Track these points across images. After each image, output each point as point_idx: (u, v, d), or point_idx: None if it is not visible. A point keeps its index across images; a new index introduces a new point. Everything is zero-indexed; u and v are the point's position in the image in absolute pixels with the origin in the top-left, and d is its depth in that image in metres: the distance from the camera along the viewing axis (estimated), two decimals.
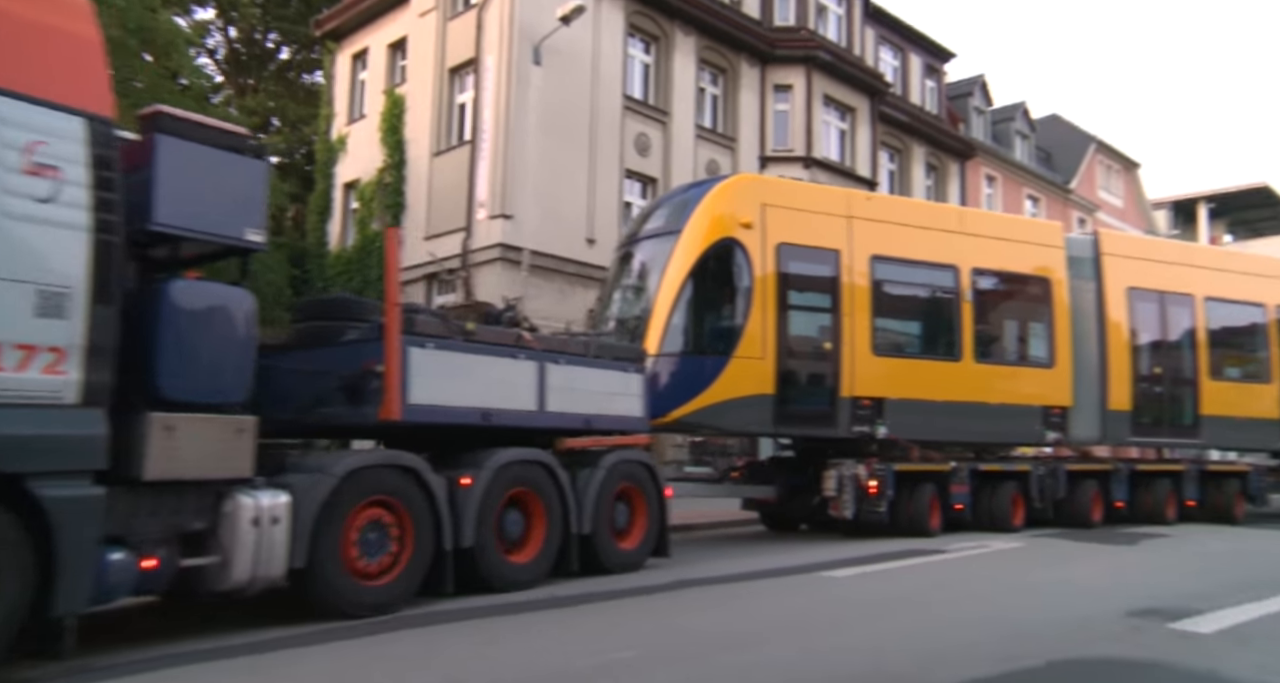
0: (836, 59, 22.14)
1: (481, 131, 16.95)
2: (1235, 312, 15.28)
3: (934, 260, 12.40)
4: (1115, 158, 36.65)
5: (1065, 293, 13.38)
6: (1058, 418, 13.06)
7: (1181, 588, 7.83)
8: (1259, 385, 15.28)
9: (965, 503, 11.81)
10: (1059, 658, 5.27)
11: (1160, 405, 14.26)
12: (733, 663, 5.13)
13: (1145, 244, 16.51)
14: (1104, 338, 13.74)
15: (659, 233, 11.35)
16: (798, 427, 11.39)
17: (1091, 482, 13.15)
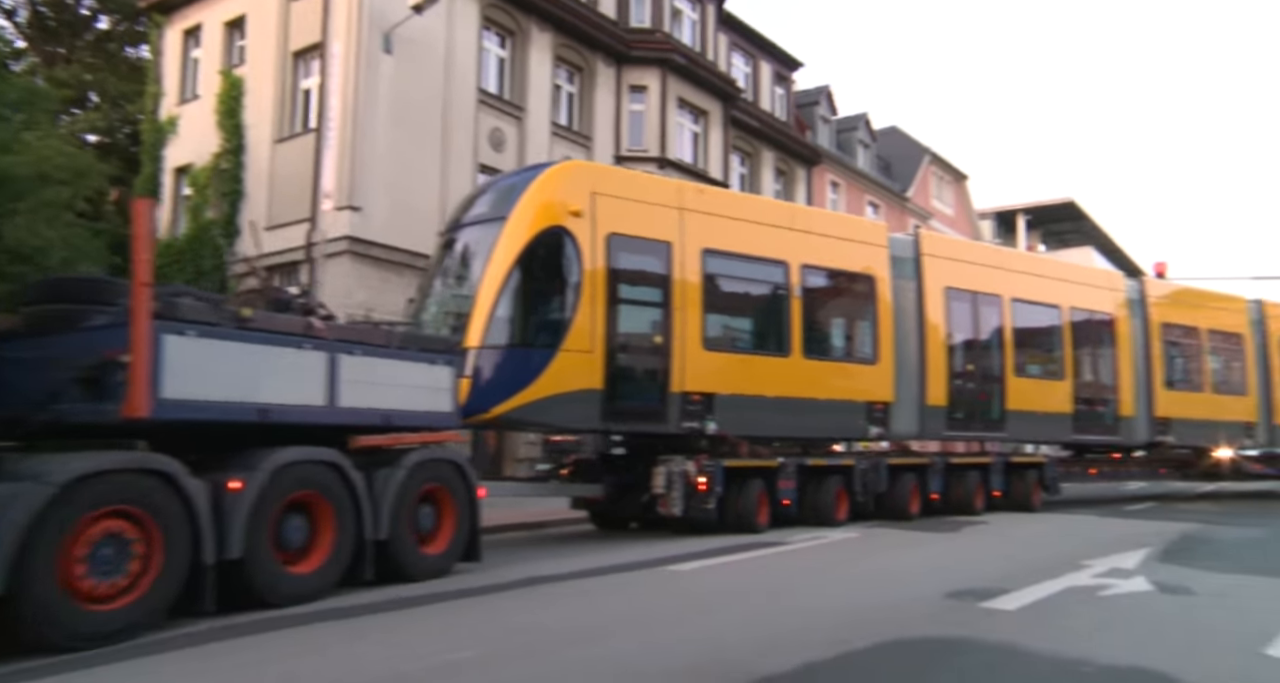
0: (691, 63, 22.59)
1: (328, 119, 16.30)
2: (1036, 313, 16.02)
3: (765, 256, 12.39)
4: (947, 170, 39.07)
5: (889, 291, 13.70)
6: (880, 413, 13.38)
7: (992, 570, 8.46)
8: (1055, 382, 16.12)
9: (792, 498, 11.91)
10: (884, 640, 5.59)
11: (972, 401, 14.84)
12: (576, 658, 5.18)
13: (960, 246, 17.11)
14: (923, 336, 14.14)
15: (484, 219, 10.88)
16: (627, 423, 11.06)
17: (910, 475, 13.59)
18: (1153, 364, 17.75)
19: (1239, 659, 5.29)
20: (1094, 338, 17.02)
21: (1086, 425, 16.51)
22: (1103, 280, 18.08)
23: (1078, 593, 7.28)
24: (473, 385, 9.57)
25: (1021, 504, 15.02)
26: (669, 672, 4.85)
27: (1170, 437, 17.81)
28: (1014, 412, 15.12)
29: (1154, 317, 18.05)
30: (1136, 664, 5.05)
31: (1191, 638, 5.79)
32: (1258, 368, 20.01)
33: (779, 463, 11.84)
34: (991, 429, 15.22)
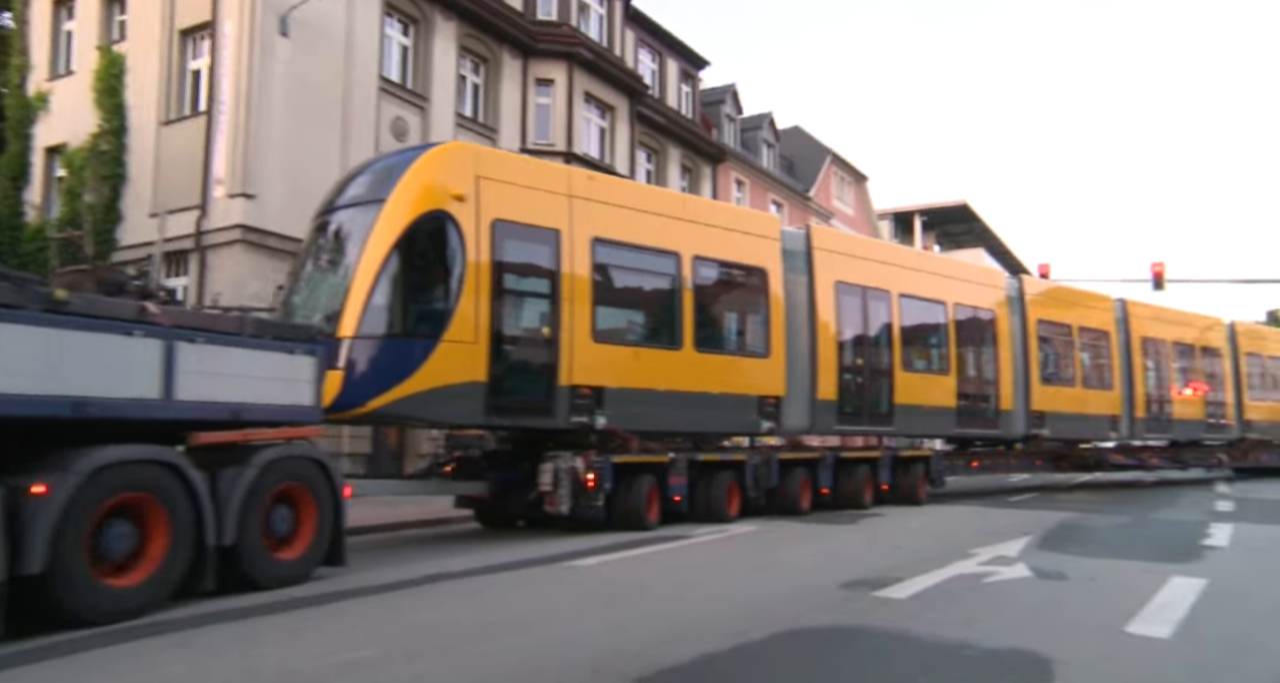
0: (598, 57, 22.58)
1: (219, 103, 15.67)
2: (923, 309, 16.14)
3: (656, 246, 12.08)
4: (848, 170, 40.16)
5: (780, 285, 13.55)
6: (772, 408, 13.21)
7: (885, 560, 8.78)
8: (940, 377, 16.29)
9: (683, 494, 11.70)
10: (781, 630, 5.75)
11: (862, 395, 14.83)
12: (477, 653, 5.15)
13: (850, 241, 17.17)
14: (814, 330, 14.04)
15: (360, 202, 10.28)
16: (512, 417, 10.62)
17: (801, 470, 13.48)
18: (1030, 360, 18.20)
19: (1103, 637, 5.64)
20: (977, 334, 17.32)
21: (969, 419, 16.81)
22: (985, 278, 18.49)
23: (964, 581, 7.61)
24: (346, 378, 9.15)
25: (908, 497, 15.20)
26: (570, 665, 4.87)
27: (1045, 430, 18.30)
28: (902, 406, 15.25)
29: (1031, 314, 18.53)
30: (1014, 646, 5.33)
31: (1064, 620, 6.14)
32: (1122, 364, 20.75)
33: (670, 458, 11.58)
34: (880, 423, 15.28)
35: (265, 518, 7.11)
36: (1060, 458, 19.52)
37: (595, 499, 10.48)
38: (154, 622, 5.95)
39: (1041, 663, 4.98)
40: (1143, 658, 5.17)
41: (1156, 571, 8.25)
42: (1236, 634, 5.80)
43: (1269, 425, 25.47)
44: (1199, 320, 23.98)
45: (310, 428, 7.78)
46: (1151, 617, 6.22)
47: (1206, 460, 23.36)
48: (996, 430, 17.46)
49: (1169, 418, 21.84)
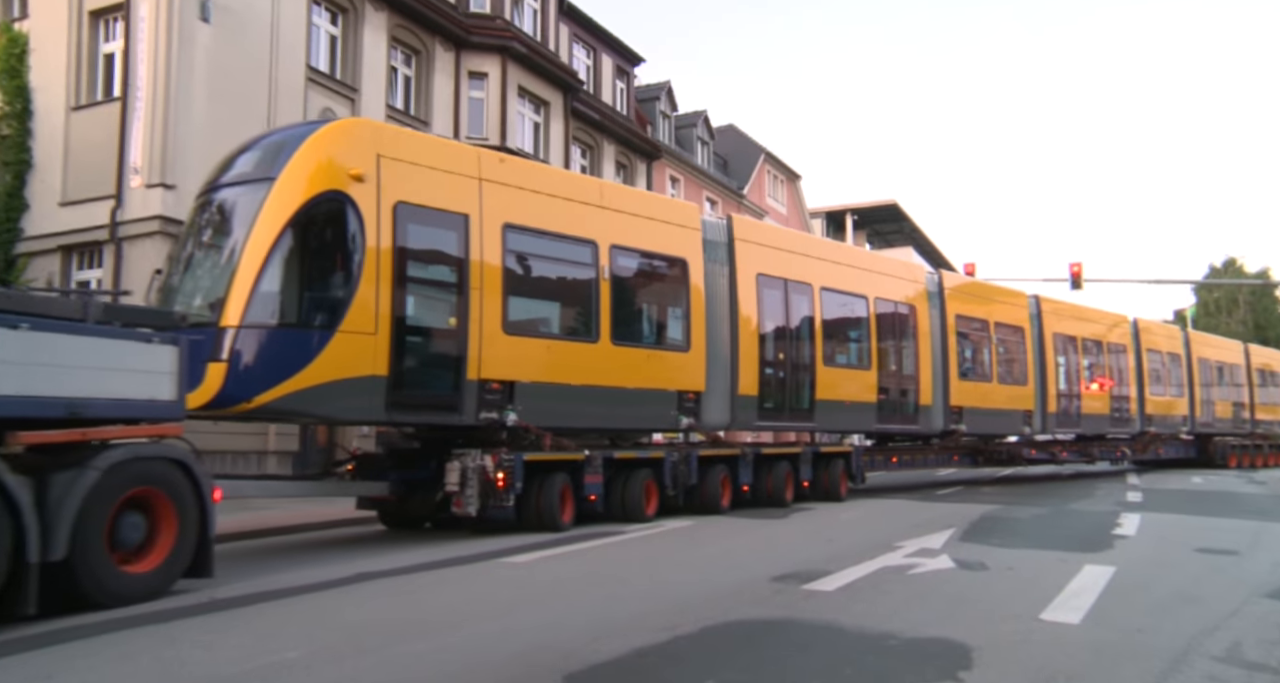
0: (531, 52, 22.41)
1: (135, 88, 15.09)
2: (845, 302, 15.94)
3: (572, 234, 11.55)
4: (781, 169, 40.65)
5: (701, 276, 13.19)
6: (691, 403, 12.82)
7: (815, 554, 8.94)
8: (861, 372, 16.19)
9: (599, 494, 11.27)
10: (712, 623, 5.82)
11: (783, 391, 14.53)
12: (406, 653, 5.09)
13: (773, 232, 16.56)
14: (735, 323, 13.68)
15: (248, 180, 9.45)
16: (416, 414, 10.03)
17: (722, 467, 13.06)
18: (949, 355, 18.21)
19: (1019, 625, 5.84)
20: (897, 329, 17.23)
21: (890, 415, 16.70)
22: (905, 272, 18.39)
23: (890, 573, 7.80)
24: (230, 370, 8.46)
25: (830, 494, 15.02)
26: (501, 662, 4.85)
27: (963, 425, 18.36)
28: (823, 401, 15.03)
29: (950, 309, 18.56)
30: (936, 635, 5.49)
31: (983, 609, 6.34)
32: (1035, 360, 21.02)
33: (585, 456, 11.11)
34: (801, 419, 15.03)
35: (111, 527, 6.31)
36: (976, 453, 19.75)
37: (505, 500, 10.01)
38: (63, 628, 5.74)
39: (961, 650, 5.14)
40: (1053, 644, 5.37)
41: (1071, 560, 8.58)
42: (1140, 619, 6.07)
43: (1167, 419, 26.31)
44: (1106, 317, 24.53)
45: (169, 426, 7.00)
46: (1064, 604, 6.47)
47: (1112, 454, 23.99)
48: (916, 426, 17.46)
49: (1078, 413, 22.22)
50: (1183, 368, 27.74)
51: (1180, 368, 27.63)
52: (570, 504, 10.92)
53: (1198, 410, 27.96)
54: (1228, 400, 30.35)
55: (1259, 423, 32.04)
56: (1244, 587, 7.39)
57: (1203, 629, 5.80)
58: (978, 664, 4.87)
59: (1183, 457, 27.43)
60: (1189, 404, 27.64)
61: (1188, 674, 4.79)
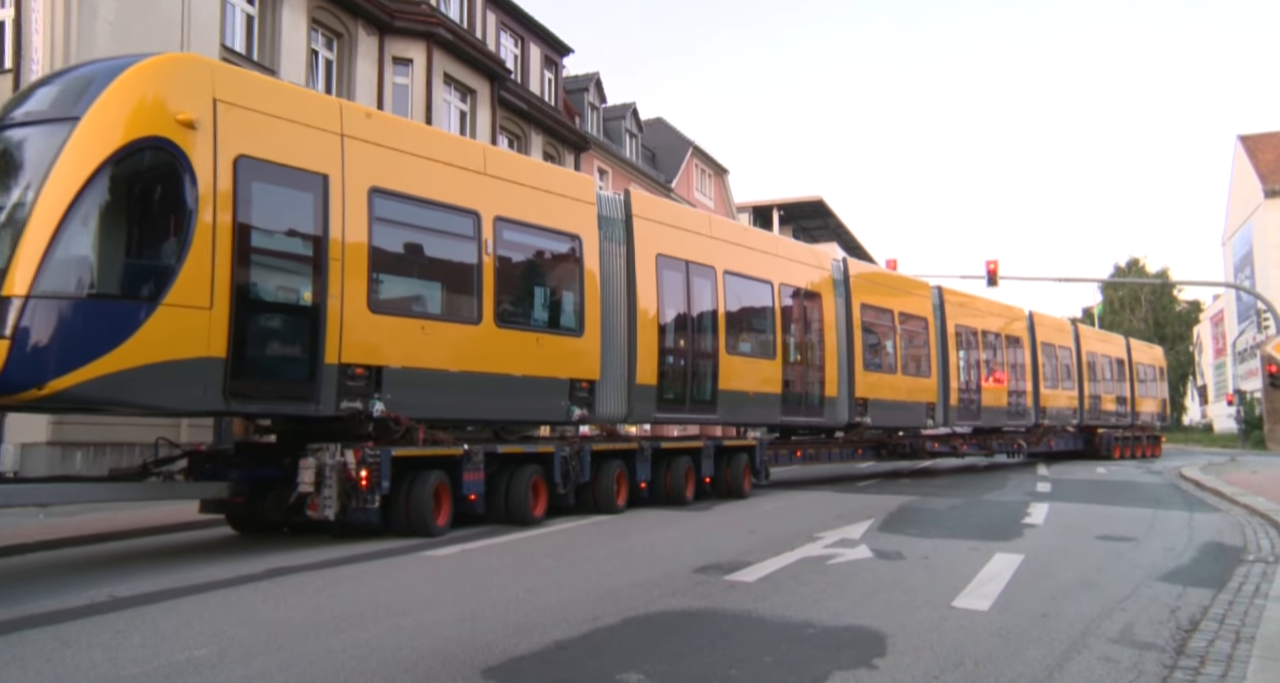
0: (458, 39, 22.08)
1: (30, 61, 14.26)
2: (749, 287, 15.06)
3: (452, 203, 10.38)
4: (709, 163, 40.90)
5: (596, 255, 12.19)
6: (585, 393, 11.91)
7: (738, 545, 9.05)
8: (766, 361, 15.29)
9: (479, 493, 10.20)
10: (633, 615, 5.84)
11: (684, 380, 13.66)
12: (320, 649, 4.97)
13: (673, 210, 15.08)
14: (633, 307, 12.70)
15: (43, 119, 7.86)
16: (262, 403, 8.69)
17: (617, 462, 12.17)
18: (855, 345, 17.63)
19: (932, 612, 6.02)
20: (802, 317, 16.55)
21: (795, 407, 15.97)
22: (811, 258, 17.46)
23: (810, 563, 7.94)
24: (14, 350, 7.00)
25: (732, 491, 14.26)
26: (417, 657, 4.78)
27: (868, 418, 17.88)
28: (726, 392, 14.16)
29: (856, 298, 17.93)
30: (852, 624, 5.62)
31: (898, 597, 6.50)
32: (938, 352, 20.72)
33: (464, 451, 9.97)
34: (703, 411, 14.12)
35: None
36: (880, 446, 19.49)
37: (369, 501, 8.91)
38: None
39: (876, 638, 5.27)
40: (964, 629, 5.54)
41: (982, 548, 8.87)
42: (1044, 604, 6.31)
43: (1059, 412, 26.67)
44: (1005, 310, 24.57)
45: None
46: (974, 591, 6.69)
47: (1009, 447, 24.19)
48: (822, 418, 16.82)
49: (978, 406, 22.17)
50: (1073, 361, 28.11)
51: (1071, 361, 27.99)
52: (447, 505, 9.84)
53: (1086, 404, 28.42)
54: (1112, 394, 30.99)
55: (1139, 416, 33.00)
56: (1139, 571, 7.75)
57: (1101, 612, 6.06)
58: (892, 651, 4.99)
59: (1071, 449, 28.03)
60: (1079, 398, 28.06)
61: (1085, 656, 5.00)
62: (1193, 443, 51.75)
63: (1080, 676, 4.64)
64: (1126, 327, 68.87)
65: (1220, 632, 5.52)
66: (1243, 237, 52.03)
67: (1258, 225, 48.42)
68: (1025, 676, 4.61)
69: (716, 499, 13.89)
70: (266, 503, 9.55)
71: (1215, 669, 4.74)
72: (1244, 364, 51.23)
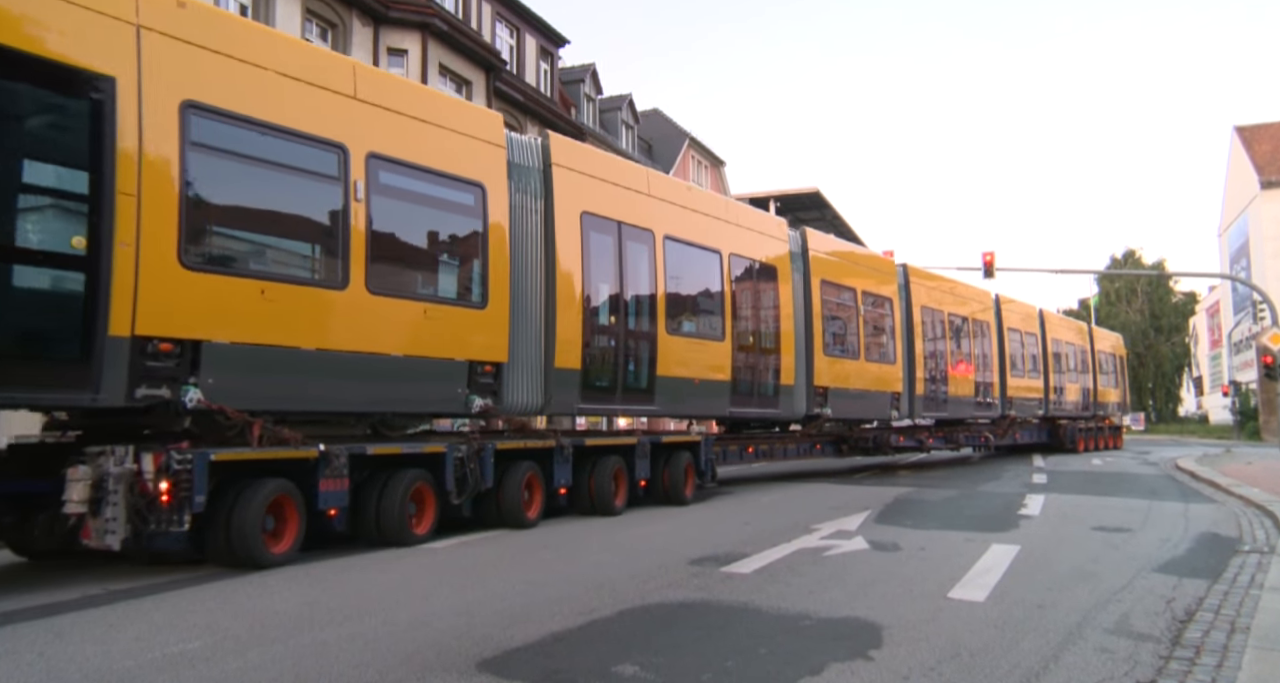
0: (453, 29, 21.97)
1: None
2: (694, 257, 12.95)
3: (308, 131, 8.08)
4: (705, 155, 40.82)
5: (505, 209, 10.02)
6: (489, 379, 9.76)
7: (733, 537, 9.05)
8: (714, 344, 13.15)
9: (341, 506, 8.01)
10: (629, 607, 5.83)
11: (616, 365, 11.56)
12: (314, 641, 4.95)
13: (604, 161, 12.26)
14: (552, 274, 10.57)
15: None
16: (9, 390, 6.39)
17: (528, 464, 10.03)
18: (814, 327, 15.66)
19: (928, 603, 6.02)
20: (756, 293, 14.50)
21: (746, 397, 13.84)
22: (766, 226, 15.20)
23: (806, 555, 7.93)
24: None
25: (671, 495, 12.19)
26: (414, 649, 4.77)
27: (828, 409, 15.93)
28: (666, 379, 12.05)
29: (815, 273, 15.99)
30: (849, 615, 5.61)
31: (894, 588, 6.50)
32: (904, 336, 18.94)
33: (319, 453, 7.71)
34: (638, 401, 11.91)
35: None
36: (841, 441, 17.67)
37: (174, 521, 6.65)
38: None
39: (872, 629, 5.27)
40: (960, 620, 5.54)
41: (978, 540, 8.87)
42: (1040, 595, 6.30)
43: (1025, 402, 25.08)
44: (971, 292, 23.03)
45: None
46: (970, 582, 6.69)
47: (976, 439, 22.51)
48: (777, 410, 14.73)
49: (944, 396, 20.54)
50: (1039, 348, 26.55)
51: (1037, 348, 26.43)
52: (294, 524, 7.61)
53: (1051, 394, 26.94)
54: (1076, 384, 29.53)
55: (1101, 406, 31.77)
56: (1135, 562, 7.75)
57: (1096, 603, 6.06)
58: (888, 643, 4.99)
59: (1036, 441, 26.53)
60: (1044, 387, 26.54)
61: (1081, 646, 5.00)
62: (1188, 434, 51.91)
63: (1076, 666, 4.64)
64: (1123, 318, 69.09)
65: (1216, 622, 5.52)
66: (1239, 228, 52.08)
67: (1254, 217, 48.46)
68: (1021, 667, 4.61)
69: (653, 505, 11.96)
70: (38, 526, 7.08)
71: (1211, 660, 4.73)
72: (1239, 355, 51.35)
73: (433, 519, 8.95)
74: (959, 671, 4.52)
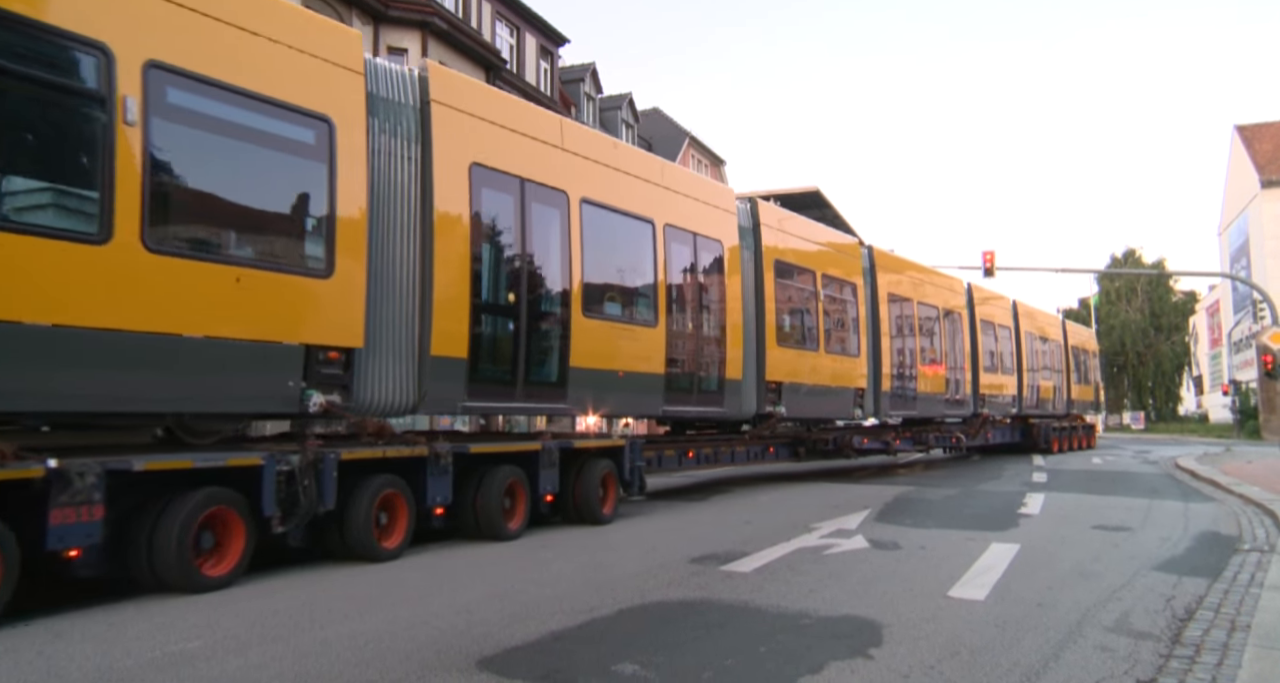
0: (453, 28, 21.99)
1: None
2: (620, 226, 10.94)
3: (52, 23, 5.93)
4: (705, 153, 40.83)
5: (362, 152, 7.91)
6: (335, 368, 7.61)
7: (734, 535, 9.05)
8: (642, 330, 11.13)
9: (89, 543, 5.80)
10: (629, 605, 5.83)
11: (515, 352, 9.36)
12: (315, 641, 4.95)
13: (504, 103, 9.86)
14: (430, 239, 8.46)
15: None
16: None
17: (387, 478, 7.82)
18: (766, 313, 13.67)
19: (928, 602, 6.02)
20: (697, 272, 12.31)
21: (684, 393, 11.82)
22: (709, 194, 13.04)
23: (806, 553, 7.93)
24: None
25: (585, 512, 10.00)
26: (413, 648, 4.77)
27: (781, 407, 13.89)
28: (582, 371, 9.99)
29: (768, 251, 13.97)
30: (849, 614, 5.61)
31: (895, 587, 6.50)
32: (869, 325, 16.97)
33: (45, 471, 5.52)
34: (546, 398, 9.78)
35: None
36: (798, 443, 15.85)
37: None
38: None
39: (872, 628, 5.27)
40: (960, 619, 5.54)
41: (979, 538, 8.87)
42: (1040, 594, 6.31)
43: (998, 400, 23.33)
44: (941, 279, 21.13)
45: None
46: (971, 581, 6.70)
47: (947, 440, 20.71)
48: (721, 408, 12.60)
49: (913, 393, 18.59)
50: (1012, 342, 24.78)
51: (1010, 342, 24.63)
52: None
53: (1025, 391, 25.14)
54: (1050, 381, 27.85)
55: (1074, 403, 30.23)
56: (1135, 561, 7.76)
57: (1097, 602, 6.06)
58: (888, 641, 4.99)
59: (1008, 442, 24.70)
60: (1018, 384, 24.73)
61: (1081, 645, 5.00)
62: (1188, 433, 51.92)
63: (1076, 665, 4.64)
64: (1123, 317, 69.13)
65: (1216, 621, 5.52)
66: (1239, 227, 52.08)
67: (1254, 216, 48.45)
68: (1021, 665, 4.61)
69: (565, 524, 9.97)
70: None
71: (1211, 658, 4.74)
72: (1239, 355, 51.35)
73: (240, 553, 6.67)
74: (959, 669, 4.52)
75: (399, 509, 8.00)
